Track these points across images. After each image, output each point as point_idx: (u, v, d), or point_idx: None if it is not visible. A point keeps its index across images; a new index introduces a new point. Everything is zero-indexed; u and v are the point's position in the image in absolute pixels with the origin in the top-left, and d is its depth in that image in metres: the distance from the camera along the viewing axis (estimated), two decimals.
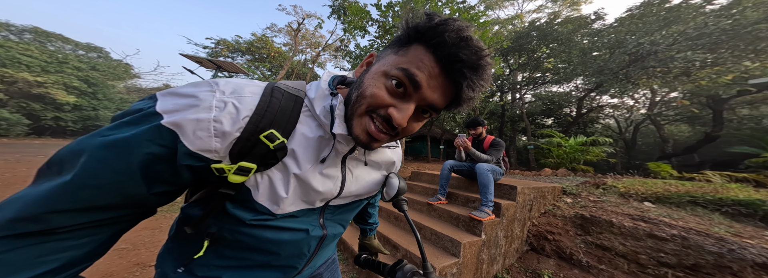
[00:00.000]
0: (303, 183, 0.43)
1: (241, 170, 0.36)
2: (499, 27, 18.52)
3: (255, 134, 0.37)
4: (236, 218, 0.42)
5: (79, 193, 0.31)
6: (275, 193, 0.42)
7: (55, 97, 14.94)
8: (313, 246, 0.52)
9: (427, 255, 1.96)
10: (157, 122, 0.33)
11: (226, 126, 0.35)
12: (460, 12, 5.96)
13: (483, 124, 2.77)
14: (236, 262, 0.48)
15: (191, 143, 0.34)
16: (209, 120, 0.34)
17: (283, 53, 17.92)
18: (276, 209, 0.43)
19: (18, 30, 18.93)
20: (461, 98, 0.37)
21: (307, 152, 0.43)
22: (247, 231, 0.44)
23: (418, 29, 0.36)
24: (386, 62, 0.39)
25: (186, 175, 0.36)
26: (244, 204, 0.42)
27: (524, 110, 14.84)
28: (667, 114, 14.18)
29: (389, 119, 0.37)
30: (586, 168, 7.45)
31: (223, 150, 0.36)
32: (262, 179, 0.41)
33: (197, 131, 0.34)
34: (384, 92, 0.37)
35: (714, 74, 9.01)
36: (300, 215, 0.48)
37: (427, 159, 13.02)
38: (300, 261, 0.53)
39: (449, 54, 0.34)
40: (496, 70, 13.49)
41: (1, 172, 4.68)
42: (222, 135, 0.35)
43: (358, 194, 0.56)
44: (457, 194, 2.73)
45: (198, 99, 0.35)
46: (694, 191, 3.00)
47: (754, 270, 1.68)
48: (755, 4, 8.36)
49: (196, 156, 0.35)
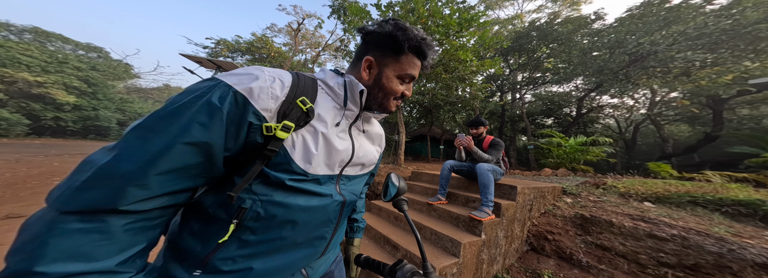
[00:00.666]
0: (327, 142, 0.54)
1: (285, 128, 0.47)
2: (499, 27, 18.54)
3: (293, 99, 0.50)
4: (275, 182, 0.48)
5: (178, 151, 0.38)
6: (308, 151, 0.51)
7: (55, 97, 14.94)
8: (337, 213, 0.59)
9: (427, 255, 1.96)
10: (232, 90, 0.43)
11: (278, 92, 0.48)
12: (459, 12, 5.96)
13: (485, 124, 2.77)
14: (265, 247, 0.50)
15: (256, 102, 0.45)
16: (268, 87, 0.47)
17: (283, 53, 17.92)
18: (309, 168, 0.51)
19: (18, 30, 18.94)
20: (424, 68, 0.64)
21: (327, 117, 0.55)
22: (280, 200, 0.49)
23: (411, 46, 0.57)
24: (392, 69, 0.59)
25: (243, 136, 0.45)
26: (281, 166, 0.49)
27: (524, 110, 14.84)
28: (667, 114, 14.18)
29: (403, 96, 0.63)
30: (586, 168, 7.44)
31: (274, 111, 0.47)
32: (298, 139, 0.51)
33: (261, 94, 0.45)
34: (400, 87, 0.61)
35: (714, 74, 9.01)
36: (323, 181, 0.55)
37: (427, 159, 13.02)
38: (328, 229, 0.59)
39: (426, 56, 0.61)
40: (496, 70, 13.50)
41: (1, 172, 4.68)
42: (275, 98, 0.47)
43: (363, 163, 0.66)
44: (457, 194, 2.73)
45: (256, 75, 0.47)
46: (694, 191, 3.00)
47: (754, 270, 1.68)
48: (755, 4, 8.36)
49: (258, 114, 0.45)
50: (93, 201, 0.34)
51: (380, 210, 3.05)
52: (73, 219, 0.34)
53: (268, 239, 0.50)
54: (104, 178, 0.35)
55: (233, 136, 0.43)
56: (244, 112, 0.44)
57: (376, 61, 0.59)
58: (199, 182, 0.43)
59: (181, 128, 0.39)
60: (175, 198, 0.41)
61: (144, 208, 0.38)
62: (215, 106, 0.41)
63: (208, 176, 0.44)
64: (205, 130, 0.40)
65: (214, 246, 0.46)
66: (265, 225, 0.49)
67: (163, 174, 0.38)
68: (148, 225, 0.40)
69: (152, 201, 0.38)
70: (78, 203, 0.34)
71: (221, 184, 0.48)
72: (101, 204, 0.35)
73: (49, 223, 0.33)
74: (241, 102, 0.43)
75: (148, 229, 0.40)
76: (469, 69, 6.71)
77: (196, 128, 0.39)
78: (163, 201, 0.40)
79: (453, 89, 8.83)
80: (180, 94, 0.43)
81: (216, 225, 0.47)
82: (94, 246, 0.34)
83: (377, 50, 0.59)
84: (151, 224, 0.40)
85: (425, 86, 9.49)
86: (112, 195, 0.35)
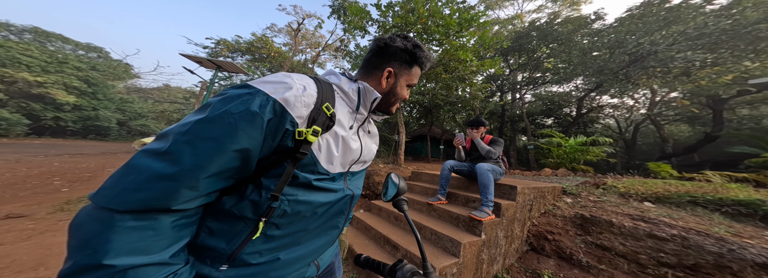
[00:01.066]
0: (345, 144, 0.60)
1: (315, 132, 0.52)
2: (499, 27, 18.53)
3: (320, 106, 0.54)
4: (301, 182, 0.53)
5: (225, 155, 0.42)
6: (331, 153, 0.57)
7: (55, 97, 14.94)
8: (348, 205, 0.66)
9: (427, 255, 1.96)
10: (271, 99, 0.48)
11: (309, 99, 0.52)
12: (459, 12, 5.95)
13: (485, 124, 2.76)
14: (290, 239, 0.55)
15: (292, 110, 0.49)
16: (300, 95, 0.51)
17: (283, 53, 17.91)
18: (330, 168, 0.57)
19: (18, 30, 18.94)
20: None
21: (344, 121, 0.61)
22: (304, 198, 0.54)
23: (416, 60, 0.69)
24: (405, 79, 0.70)
25: (277, 138, 0.49)
26: (308, 168, 0.54)
27: (524, 110, 14.84)
28: (667, 114, 14.19)
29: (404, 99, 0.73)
30: (586, 168, 7.44)
31: (305, 118, 0.51)
32: (323, 142, 0.56)
33: (296, 103, 0.50)
34: (407, 92, 0.73)
35: (714, 74, 9.01)
36: (337, 178, 0.61)
37: (427, 159, 13.01)
38: (340, 220, 0.66)
39: (426, 66, 0.73)
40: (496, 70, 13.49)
41: (1, 172, 4.68)
42: (307, 106, 0.52)
43: (365, 160, 0.72)
44: (457, 194, 2.73)
45: (288, 84, 0.51)
46: (694, 191, 3.00)
47: (754, 270, 1.68)
48: (755, 4, 8.36)
49: (293, 122, 0.49)
50: (148, 201, 0.38)
51: (380, 210, 3.04)
52: (129, 217, 0.37)
53: (293, 232, 0.55)
54: (158, 180, 0.39)
55: (269, 141, 0.48)
56: (282, 119, 0.48)
57: (395, 71, 0.68)
58: (231, 182, 0.47)
59: (226, 135, 0.42)
60: (210, 197, 0.46)
61: (189, 207, 0.42)
62: (257, 114, 0.45)
63: (240, 177, 0.48)
64: (248, 137, 0.44)
65: (241, 242, 0.50)
66: (289, 221, 0.54)
67: (209, 178, 0.42)
68: (189, 222, 0.44)
69: (197, 201, 0.43)
70: (133, 203, 0.38)
71: (243, 185, 0.51)
72: (155, 204, 0.38)
73: (108, 222, 0.37)
74: (279, 110, 0.48)
75: (190, 225, 0.45)
76: (469, 69, 6.70)
77: (240, 135, 0.43)
78: (203, 200, 0.44)
79: (453, 89, 8.82)
80: (221, 101, 0.46)
81: (240, 223, 0.50)
82: (150, 241, 0.38)
83: (396, 62, 0.67)
84: (191, 220, 0.45)
85: (425, 86, 9.49)
86: (166, 196, 0.39)
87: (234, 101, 0.45)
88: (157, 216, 0.39)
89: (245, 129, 0.44)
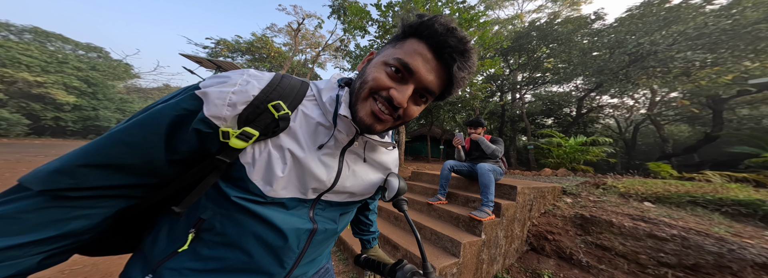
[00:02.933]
0: (299, 165, 0.45)
1: (244, 135, 0.40)
2: (499, 27, 18.53)
3: (264, 102, 0.42)
4: (228, 197, 0.43)
5: (113, 149, 0.37)
6: (271, 171, 0.43)
7: (55, 97, 14.94)
8: (302, 242, 0.49)
9: (427, 255, 1.96)
10: (191, 93, 0.41)
11: (239, 96, 0.41)
12: (459, 12, 5.96)
13: (484, 125, 2.78)
14: (214, 264, 0.44)
15: (207, 109, 0.39)
16: (228, 91, 0.41)
17: (283, 53, 17.92)
18: (268, 190, 0.44)
19: (18, 30, 18.93)
20: (454, 78, 0.43)
21: (306, 134, 0.47)
22: (238, 218, 0.44)
23: (412, 26, 0.42)
24: (385, 54, 0.45)
25: (193, 142, 0.41)
26: (236, 182, 0.43)
27: (524, 110, 14.83)
28: (667, 114, 14.18)
29: (391, 100, 0.42)
30: (586, 168, 7.44)
31: (231, 119, 0.41)
32: (260, 155, 0.43)
33: (215, 99, 0.40)
34: (384, 76, 0.43)
35: (714, 74, 9.01)
36: (291, 206, 0.47)
37: (427, 159, 13.01)
38: (287, 258, 0.48)
39: (439, 41, 0.40)
40: (496, 70, 13.50)
41: (1, 172, 4.68)
42: (232, 104, 0.40)
43: (352, 192, 0.55)
44: (457, 194, 2.73)
45: (229, 78, 0.42)
46: (694, 191, 3.00)
47: (754, 270, 1.68)
48: (755, 4, 8.36)
49: (207, 121, 0.40)
50: (35, 178, 0.35)
51: (380, 210, 3.05)
52: (16, 193, 0.35)
53: (219, 257, 0.44)
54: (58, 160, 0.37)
55: (175, 143, 0.40)
56: (192, 115, 0.40)
57: (376, 53, 0.49)
58: (145, 180, 0.41)
59: (123, 128, 0.39)
60: (113, 191, 0.39)
61: (70, 196, 0.36)
62: (165, 112, 0.39)
63: (154, 177, 0.42)
64: (142, 132, 0.38)
65: (169, 254, 0.44)
66: (217, 241, 0.44)
67: (86, 168, 0.37)
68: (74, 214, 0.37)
69: (81, 191, 0.37)
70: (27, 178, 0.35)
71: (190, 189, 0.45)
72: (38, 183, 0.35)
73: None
74: (195, 106, 0.40)
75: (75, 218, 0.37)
76: None
77: (135, 129, 0.38)
78: (94, 192, 0.38)
79: None
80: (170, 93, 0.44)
81: (177, 232, 0.45)
82: (9, 223, 0.34)
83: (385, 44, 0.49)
84: (77, 213, 0.37)
85: None
86: (49, 176, 0.35)
87: (169, 95, 0.43)
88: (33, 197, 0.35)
89: (144, 122, 0.38)
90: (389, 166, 0.63)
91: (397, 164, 0.68)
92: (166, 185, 0.45)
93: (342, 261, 2.42)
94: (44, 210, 0.35)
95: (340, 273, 2.22)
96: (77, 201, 0.37)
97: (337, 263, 2.39)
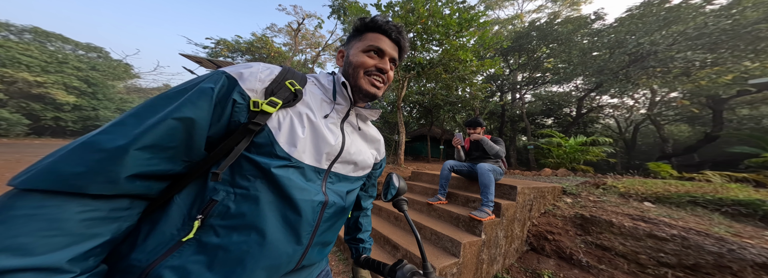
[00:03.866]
0: (314, 128, 0.54)
1: (272, 103, 0.49)
2: (499, 27, 18.53)
3: (283, 80, 0.53)
4: (256, 170, 0.47)
5: (161, 126, 0.38)
6: (294, 133, 0.51)
7: (55, 97, 14.93)
8: (316, 214, 0.52)
9: (427, 255, 1.96)
10: (224, 74, 0.47)
11: (265, 76, 0.51)
12: (459, 12, 5.95)
13: (483, 125, 2.78)
14: (224, 255, 0.42)
15: (243, 83, 0.48)
16: (257, 72, 0.51)
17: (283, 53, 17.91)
18: (293, 152, 0.50)
19: (18, 30, 18.91)
20: (402, 48, 0.66)
21: (314, 105, 0.57)
22: (257, 193, 0.46)
23: (367, 24, 0.62)
24: (357, 46, 0.63)
25: (227, 113, 0.46)
26: (264, 149, 0.48)
27: (524, 110, 14.83)
28: (667, 114, 14.18)
29: (380, 69, 0.62)
30: (586, 168, 7.44)
31: (260, 91, 0.49)
32: (284, 120, 0.51)
33: (249, 77, 0.49)
34: (368, 59, 0.61)
35: (714, 74, 9.01)
36: (309, 176, 0.53)
37: (427, 159, 13.01)
38: (304, 232, 0.50)
39: (387, 29, 0.62)
40: (496, 70, 13.49)
41: (1, 172, 4.68)
42: (261, 80, 0.50)
43: (355, 162, 0.64)
44: (457, 194, 2.73)
45: (251, 65, 0.53)
46: (694, 191, 3.00)
47: (753, 270, 1.68)
48: (755, 4, 8.36)
49: (243, 93, 0.47)
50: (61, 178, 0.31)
51: (380, 210, 3.05)
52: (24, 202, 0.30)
53: (235, 243, 0.43)
54: (88, 152, 0.33)
55: (219, 114, 0.45)
56: (231, 90, 0.46)
57: (346, 49, 0.66)
58: (177, 166, 0.42)
59: (172, 105, 0.41)
60: (146, 185, 0.39)
61: (111, 192, 0.35)
62: (207, 88, 0.44)
63: (187, 159, 0.43)
64: (193, 107, 0.42)
65: (166, 250, 0.40)
66: (232, 225, 0.43)
67: (142, 150, 0.36)
68: (107, 217, 0.35)
69: (125, 184, 0.35)
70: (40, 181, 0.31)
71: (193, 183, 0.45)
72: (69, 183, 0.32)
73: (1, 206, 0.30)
74: (229, 82, 0.47)
75: (109, 222, 0.35)
76: (469, 69, 6.70)
77: (186, 105, 0.41)
78: (133, 186, 0.37)
79: (453, 89, 8.83)
80: (186, 82, 0.47)
81: (171, 224, 0.42)
82: (39, 236, 0.29)
83: (347, 43, 0.66)
84: (111, 215, 0.35)
85: (425, 86, 9.49)
86: (89, 171, 0.32)
87: (193, 81, 0.46)
88: (62, 201, 0.31)
89: (192, 99, 0.42)
90: (377, 138, 0.78)
91: (381, 140, 0.80)
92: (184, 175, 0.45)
93: (342, 261, 2.42)
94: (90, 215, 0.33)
95: (340, 273, 2.22)
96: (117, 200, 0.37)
97: (337, 263, 2.39)
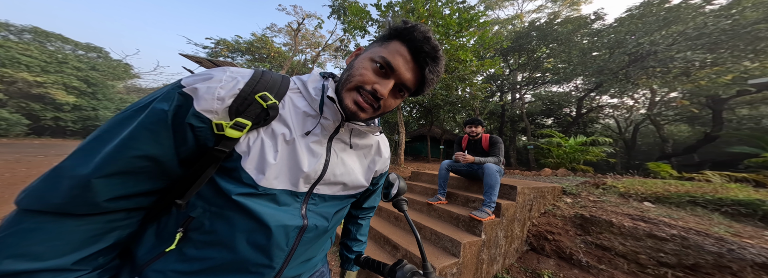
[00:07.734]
0: (290, 151, 0.48)
1: (238, 125, 0.43)
2: (499, 27, 18.55)
3: (251, 94, 0.45)
4: (221, 192, 0.44)
5: (124, 153, 0.37)
6: (263, 159, 0.45)
7: (54, 97, 14.92)
8: (291, 239, 0.48)
9: (427, 255, 1.96)
10: (178, 91, 0.41)
11: (226, 91, 0.43)
12: (459, 12, 5.96)
13: (482, 124, 2.78)
14: (200, 265, 0.44)
15: (198, 103, 0.41)
16: (216, 86, 0.42)
17: (283, 53, 17.92)
18: (261, 179, 0.44)
19: (17, 30, 18.90)
20: (425, 79, 0.50)
21: (295, 121, 0.49)
22: (229, 215, 0.44)
23: (398, 29, 0.48)
24: (372, 51, 0.49)
25: (190, 138, 0.42)
26: (230, 174, 0.44)
27: (524, 110, 14.84)
28: (666, 114, 14.18)
29: (374, 93, 0.47)
30: (585, 168, 7.44)
31: (222, 111, 0.43)
32: (254, 144, 0.45)
33: (205, 94, 0.41)
34: (370, 72, 0.48)
35: (714, 74, 9.02)
36: (282, 201, 0.48)
37: (427, 159, 13.02)
38: (277, 257, 0.47)
39: (417, 46, 0.46)
40: (496, 70, 13.51)
41: (1, 172, 4.68)
42: (220, 98, 0.42)
43: (344, 183, 0.56)
44: (457, 194, 2.73)
45: (212, 75, 0.44)
46: (693, 191, 3.00)
47: (753, 270, 1.68)
48: (755, 4, 8.37)
49: (199, 116, 0.41)
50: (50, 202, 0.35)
51: (380, 210, 3.04)
52: (30, 218, 0.35)
53: (204, 257, 0.44)
54: (61, 179, 0.36)
55: (181, 138, 0.41)
56: (185, 113, 0.41)
57: (364, 49, 0.53)
58: (158, 184, 0.43)
59: (128, 135, 0.38)
60: (135, 201, 0.41)
61: (92, 211, 0.37)
62: (159, 110, 0.39)
63: (166, 178, 0.43)
64: (150, 135, 0.39)
65: (156, 255, 0.44)
66: (205, 240, 0.44)
67: (108, 178, 0.37)
68: (106, 227, 0.39)
69: (104, 205, 0.38)
70: (38, 203, 0.35)
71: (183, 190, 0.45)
72: (56, 206, 0.35)
73: (11, 221, 0.35)
74: (186, 102, 0.41)
75: (109, 230, 0.40)
76: (469, 69, 6.71)
77: (142, 134, 0.38)
78: (120, 205, 0.39)
79: (453, 89, 8.84)
80: (146, 96, 0.43)
81: (166, 232, 0.45)
82: (47, 245, 0.35)
83: (371, 44, 0.54)
84: (109, 226, 0.40)
85: None
86: (66, 197, 0.35)
87: (151, 96, 0.42)
88: (58, 218, 0.36)
89: (146, 125, 0.38)
90: (376, 146, 0.65)
91: (387, 147, 0.70)
92: (171, 189, 0.45)
93: None
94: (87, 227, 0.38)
95: (339, 273, 2.22)
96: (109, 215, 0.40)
97: (337, 263, 2.39)
